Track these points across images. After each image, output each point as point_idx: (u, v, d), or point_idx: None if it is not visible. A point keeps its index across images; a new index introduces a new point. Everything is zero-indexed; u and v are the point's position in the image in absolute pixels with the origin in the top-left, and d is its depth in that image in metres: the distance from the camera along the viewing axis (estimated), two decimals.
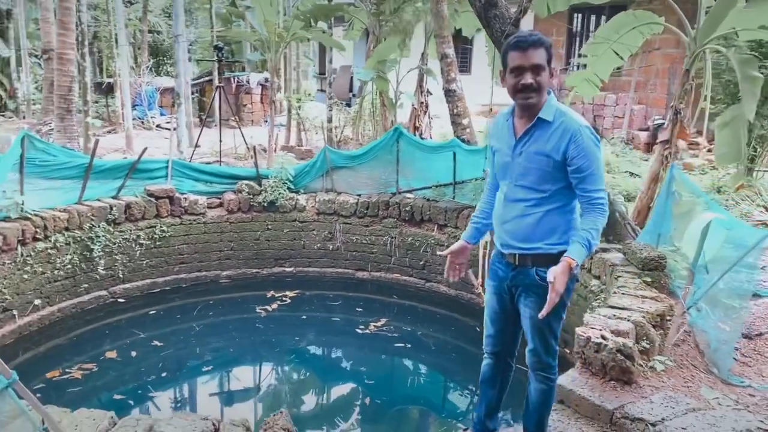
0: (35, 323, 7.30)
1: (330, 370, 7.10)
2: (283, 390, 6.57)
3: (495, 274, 3.32)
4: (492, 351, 3.46)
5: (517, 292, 3.20)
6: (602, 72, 7.74)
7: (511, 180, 3.09)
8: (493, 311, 3.39)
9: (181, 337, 7.55)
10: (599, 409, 3.86)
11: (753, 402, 4.00)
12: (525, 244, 3.09)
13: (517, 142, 3.04)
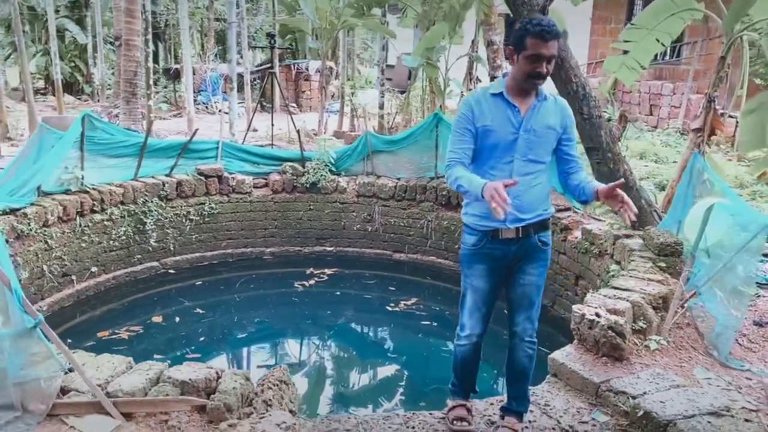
0: (92, 288, 7.93)
1: (353, 342, 7.44)
2: (307, 358, 6.99)
3: (488, 258, 3.32)
4: (480, 332, 3.49)
5: (519, 263, 3.34)
6: (642, 58, 7.67)
7: (519, 156, 3.19)
8: (486, 294, 3.39)
9: (222, 306, 8.03)
10: (587, 382, 4.01)
11: (746, 384, 4.04)
12: (530, 215, 3.26)
13: (524, 119, 3.17)
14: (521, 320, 3.41)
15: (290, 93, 20.58)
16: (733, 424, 3.34)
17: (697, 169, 5.43)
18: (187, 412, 3.37)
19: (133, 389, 3.41)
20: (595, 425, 3.69)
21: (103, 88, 20.68)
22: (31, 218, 6.86)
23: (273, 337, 7.43)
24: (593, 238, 6.79)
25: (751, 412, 3.66)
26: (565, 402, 3.94)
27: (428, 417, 3.75)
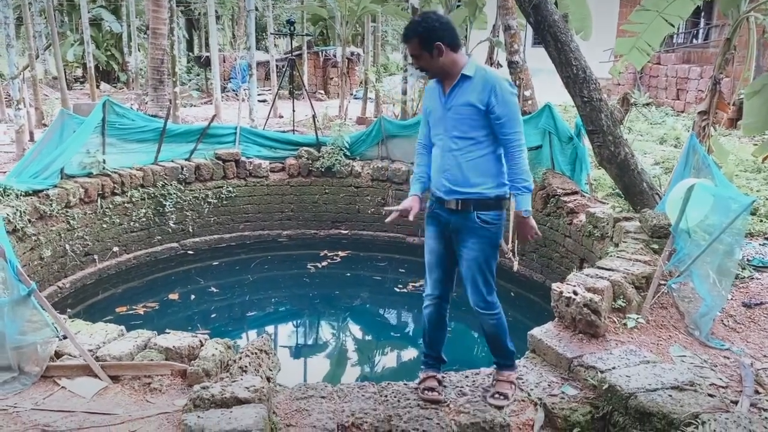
0: (113, 267, 8.30)
1: (357, 320, 7.69)
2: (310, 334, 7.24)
3: (436, 220, 3.59)
4: (438, 294, 3.73)
5: (458, 237, 3.52)
6: (652, 40, 7.60)
7: (445, 133, 3.44)
8: (437, 255, 3.65)
9: (236, 286, 8.33)
10: (561, 358, 4.11)
11: (723, 363, 4.08)
12: (466, 189, 3.41)
13: (446, 98, 3.43)
14: (468, 293, 3.61)
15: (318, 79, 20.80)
16: (694, 398, 3.40)
17: (694, 150, 5.42)
18: (169, 376, 3.61)
19: (120, 354, 3.66)
20: (564, 398, 3.79)
21: (137, 76, 21.24)
22: (53, 200, 7.22)
23: (281, 316, 7.69)
24: (596, 221, 6.81)
25: (719, 388, 3.71)
26: (538, 376, 4.05)
27: (402, 387, 3.90)
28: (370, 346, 7.03)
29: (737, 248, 4.77)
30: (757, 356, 4.13)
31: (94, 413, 3.26)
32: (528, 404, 3.81)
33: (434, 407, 3.64)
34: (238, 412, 3.07)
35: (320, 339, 7.24)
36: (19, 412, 3.25)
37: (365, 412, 3.59)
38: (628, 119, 10.67)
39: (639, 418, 3.41)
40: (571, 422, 3.64)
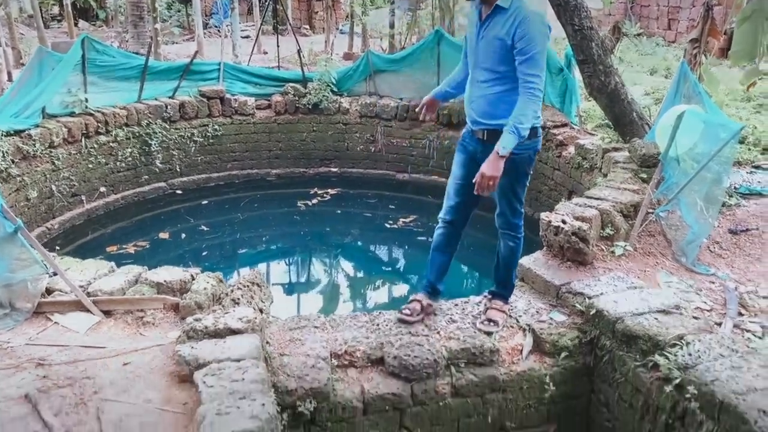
0: (101, 208, 8.25)
1: (348, 255, 7.77)
2: (301, 270, 7.31)
3: (464, 149, 3.69)
4: (450, 220, 3.83)
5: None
6: None
7: (475, 64, 3.46)
8: (457, 183, 3.75)
9: (226, 224, 8.33)
10: (549, 285, 4.16)
11: (708, 288, 4.15)
12: (491, 121, 3.45)
13: (480, 27, 3.38)
14: (496, 215, 3.76)
15: (303, 14, 20.26)
16: (679, 321, 3.48)
17: (685, 78, 5.36)
18: (161, 310, 3.63)
19: (112, 289, 3.67)
20: (552, 324, 3.86)
21: (117, 14, 20.56)
22: (36, 140, 7.10)
23: (272, 253, 7.72)
24: (585, 152, 6.80)
25: (704, 311, 3.79)
26: (527, 303, 4.11)
27: (393, 316, 3.94)
28: (362, 281, 7.12)
29: (725, 176, 4.79)
30: (742, 280, 4.20)
31: (89, 347, 3.29)
32: (517, 330, 3.88)
33: (425, 334, 3.70)
34: (232, 342, 3.11)
35: (312, 275, 7.31)
36: (13, 347, 3.28)
37: (358, 340, 3.64)
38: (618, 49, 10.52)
39: (625, 341, 3.49)
40: (559, 347, 3.72)
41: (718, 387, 2.89)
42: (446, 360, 3.55)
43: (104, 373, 3.06)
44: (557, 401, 3.77)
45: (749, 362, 3.06)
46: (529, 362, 3.71)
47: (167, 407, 2.84)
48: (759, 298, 3.87)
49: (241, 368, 2.87)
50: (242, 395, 2.67)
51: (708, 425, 2.91)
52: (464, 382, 3.55)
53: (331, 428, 3.35)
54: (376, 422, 3.43)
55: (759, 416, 2.68)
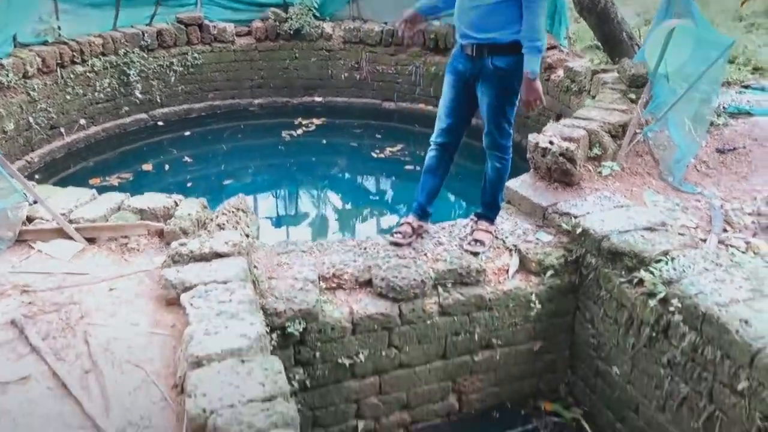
0: (82, 141, 8.07)
1: (334, 186, 7.71)
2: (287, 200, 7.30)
3: (454, 69, 3.65)
4: (441, 142, 3.82)
5: (476, 82, 3.55)
6: None
7: None
8: (449, 105, 3.72)
9: (210, 156, 8.20)
10: (536, 207, 4.16)
11: (694, 206, 4.17)
12: (481, 34, 3.42)
13: None
14: (484, 134, 3.73)
15: None
16: (665, 237, 3.49)
17: None
18: (145, 236, 3.59)
19: (94, 217, 3.61)
20: (538, 243, 3.88)
21: None
22: (9, 69, 6.85)
23: (258, 185, 7.64)
24: (574, 75, 6.69)
25: (690, 228, 3.81)
26: (513, 225, 4.11)
27: (381, 240, 3.94)
28: (349, 210, 7.09)
29: (714, 96, 4.74)
30: (727, 198, 4.22)
31: (73, 274, 3.26)
32: (503, 251, 3.90)
33: (412, 257, 3.70)
34: (218, 265, 3.09)
35: (299, 206, 7.26)
36: None
37: (345, 263, 3.65)
38: None
39: (611, 258, 3.51)
40: (545, 266, 3.75)
41: (701, 299, 2.93)
42: (433, 280, 3.57)
43: (90, 298, 3.05)
44: (543, 319, 3.83)
45: (732, 275, 3.10)
46: (515, 281, 3.75)
47: (155, 330, 2.84)
48: (744, 215, 3.90)
49: (228, 290, 2.87)
50: (230, 315, 2.67)
51: (691, 336, 2.97)
52: (451, 301, 3.59)
53: (320, 348, 3.39)
54: (365, 341, 3.47)
55: (740, 326, 2.73)
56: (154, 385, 2.49)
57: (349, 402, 3.61)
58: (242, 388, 2.24)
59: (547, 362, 4.00)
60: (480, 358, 3.79)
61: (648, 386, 3.32)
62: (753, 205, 4.04)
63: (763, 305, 2.84)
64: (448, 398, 3.85)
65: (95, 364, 2.59)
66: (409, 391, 3.72)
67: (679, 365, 3.06)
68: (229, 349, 2.44)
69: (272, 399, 2.22)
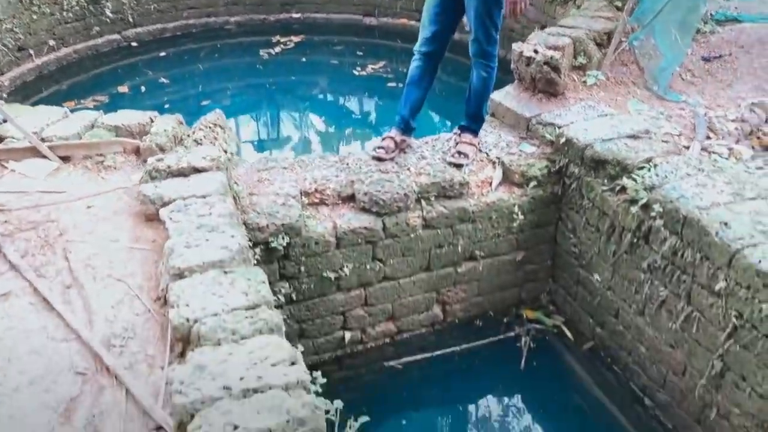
0: (53, 63, 7.78)
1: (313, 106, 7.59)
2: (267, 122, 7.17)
3: None
4: (426, 51, 3.69)
5: None
6: None
7: None
8: (434, 11, 3.58)
9: (187, 77, 7.99)
10: (520, 118, 4.11)
11: (678, 114, 4.13)
12: None
13: None
14: (470, 41, 3.60)
15: None
16: (648, 145, 3.47)
17: None
18: (122, 153, 3.51)
19: (68, 135, 3.51)
20: (521, 155, 3.85)
21: None
22: None
23: (237, 106, 7.47)
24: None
25: (673, 136, 3.79)
26: (497, 138, 4.07)
27: (363, 155, 3.89)
28: (330, 129, 7.00)
29: (701, 3, 4.63)
30: (712, 106, 4.19)
31: (49, 192, 3.19)
32: (487, 164, 3.87)
33: (395, 171, 3.66)
34: (197, 180, 3.04)
35: (279, 126, 7.16)
36: None
37: (327, 178, 3.61)
38: None
39: (594, 166, 3.50)
40: (528, 177, 3.74)
41: (682, 203, 2.94)
42: (417, 194, 3.55)
43: (68, 216, 3.00)
44: (525, 230, 3.86)
45: (714, 180, 3.11)
46: (499, 193, 3.74)
47: (135, 245, 2.81)
48: (727, 122, 3.88)
49: (207, 203, 2.82)
50: (210, 228, 2.64)
51: (671, 240, 3.00)
52: (435, 214, 3.58)
53: (305, 263, 3.39)
54: (349, 255, 3.48)
55: (720, 228, 2.76)
56: (137, 299, 2.48)
57: (336, 314, 3.66)
58: (225, 298, 2.24)
59: (530, 272, 4.06)
60: (463, 269, 3.83)
61: (628, 291, 3.39)
62: (737, 112, 4.01)
63: (743, 208, 2.86)
64: (432, 309, 3.92)
65: (76, 280, 2.57)
66: (394, 303, 3.77)
67: (659, 269, 3.11)
68: (211, 261, 2.43)
69: (256, 307, 2.22)
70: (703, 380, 2.94)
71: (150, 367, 2.17)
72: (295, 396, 1.83)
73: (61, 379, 2.10)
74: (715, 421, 2.95)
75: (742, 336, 2.69)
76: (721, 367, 2.84)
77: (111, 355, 2.18)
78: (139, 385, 2.08)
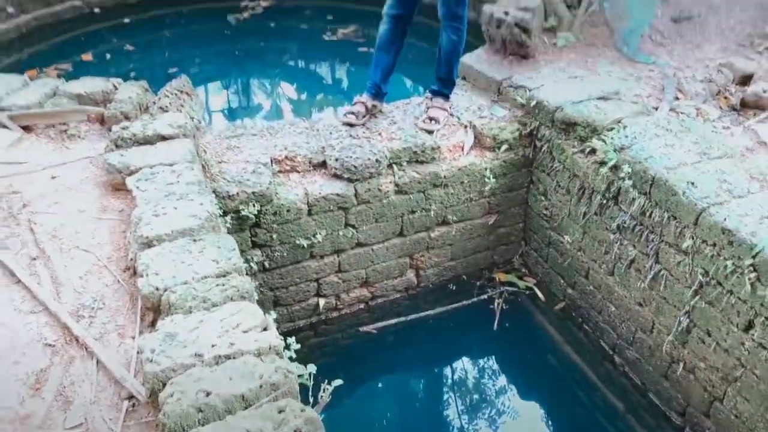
0: (12, 31, 7.49)
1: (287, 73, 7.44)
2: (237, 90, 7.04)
3: None
4: (395, 14, 3.63)
5: None
6: None
7: None
8: None
9: (152, 44, 7.76)
10: (490, 81, 4.09)
11: (648, 76, 4.14)
12: None
13: None
14: (438, 3, 3.54)
15: None
16: (617, 106, 3.49)
17: None
18: (85, 122, 3.43)
19: (28, 104, 3.41)
20: (492, 118, 3.84)
21: None
22: None
23: (206, 74, 7.30)
24: None
25: (642, 97, 3.81)
26: (468, 101, 4.05)
27: (333, 121, 3.85)
28: (301, 96, 6.89)
29: None
30: (681, 67, 4.20)
31: (11, 163, 3.11)
32: (458, 128, 3.86)
33: (366, 136, 3.64)
34: (163, 147, 2.99)
35: (249, 93, 7.04)
36: None
37: (298, 145, 3.56)
38: None
39: (564, 128, 3.51)
40: (500, 140, 3.74)
41: (651, 164, 2.97)
42: (388, 159, 3.53)
43: (31, 187, 2.94)
44: (497, 194, 3.88)
45: (682, 140, 3.14)
46: (470, 158, 3.74)
47: (103, 216, 2.77)
48: (695, 82, 3.91)
49: (175, 171, 2.78)
50: (179, 197, 2.61)
51: (640, 200, 3.04)
52: (407, 179, 3.58)
53: (277, 230, 3.37)
54: (322, 222, 3.47)
55: (687, 187, 2.80)
56: (105, 269, 2.45)
57: (309, 281, 3.66)
58: (195, 266, 2.22)
59: (501, 235, 4.09)
60: (436, 234, 3.85)
61: (598, 252, 3.44)
62: (705, 72, 4.04)
63: (709, 167, 2.90)
64: (406, 274, 3.94)
65: (43, 251, 2.52)
66: (367, 269, 3.78)
67: (628, 229, 3.15)
68: (180, 229, 2.40)
69: (227, 275, 2.21)
70: (671, 336, 3.02)
71: (120, 336, 2.15)
72: (268, 361, 1.84)
73: (30, 352, 2.08)
74: (682, 376, 3.03)
75: (708, 293, 2.75)
76: (687, 324, 2.91)
77: (80, 326, 2.16)
78: (109, 354, 2.06)
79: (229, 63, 7.52)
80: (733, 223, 2.57)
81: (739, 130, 3.39)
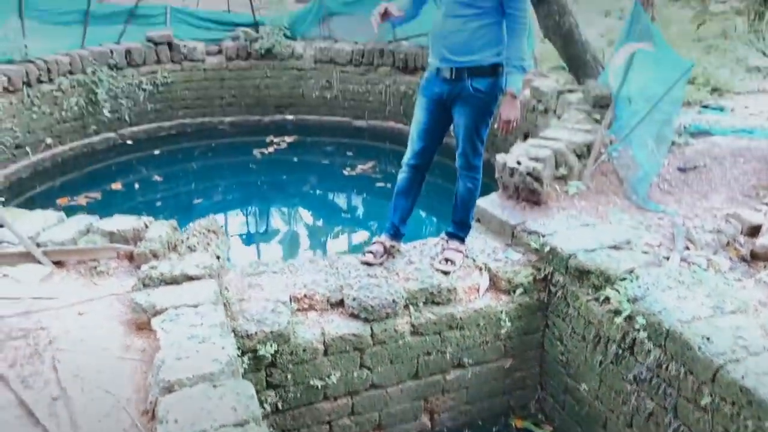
0: (48, 160, 7.96)
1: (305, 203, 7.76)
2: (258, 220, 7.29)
3: (429, 91, 3.66)
4: (414, 164, 3.85)
5: (453, 104, 3.60)
6: None
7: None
8: (422, 128, 3.75)
9: (180, 175, 8.18)
10: (504, 225, 4.23)
11: (657, 224, 4.27)
12: (462, 57, 3.46)
13: None
14: (457, 155, 3.77)
15: None
16: (629, 256, 3.59)
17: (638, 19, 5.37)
18: (115, 259, 3.56)
19: (62, 240, 3.57)
20: (507, 262, 3.94)
21: None
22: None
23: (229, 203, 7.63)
24: (540, 95, 6.83)
25: (653, 246, 3.91)
26: (483, 243, 4.18)
27: (352, 259, 3.96)
28: (321, 229, 7.12)
29: (675, 116, 4.90)
30: (689, 216, 4.34)
31: (41, 298, 3.21)
32: (473, 270, 3.94)
33: (384, 276, 3.73)
34: (189, 288, 3.08)
35: (270, 225, 7.26)
36: None
37: (317, 283, 3.66)
38: None
39: (578, 276, 3.59)
40: (515, 284, 3.81)
41: (665, 316, 3.01)
42: (405, 300, 3.60)
43: (59, 323, 3.01)
44: (513, 337, 3.89)
45: (694, 293, 3.20)
46: (486, 300, 3.80)
47: (125, 355, 2.81)
48: (705, 233, 4.01)
49: (199, 313, 2.86)
50: (201, 339, 2.67)
51: (655, 353, 3.04)
52: (423, 320, 3.62)
53: (292, 370, 3.38)
54: (337, 363, 3.48)
55: (702, 342, 2.82)
56: (124, 411, 2.47)
57: (322, 423, 3.60)
58: (214, 413, 2.24)
59: (518, 379, 4.05)
60: (451, 376, 3.83)
61: (615, 402, 3.39)
62: (713, 222, 4.17)
63: (723, 322, 2.93)
64: (420, 417, 3.88)
65: (64, 391, 2.55)
66: (381, 411, 3.73)
67: (645, 381, 3.13)
68: (201, 374, 2.44)
69: (244, 424, 2.22)
70: None
71: None
72: None
73: None
74: None
75: None
76: None
77: None
78: None
79: (252, 194, 7.86)
80: (750, 382, 2.57)
81: (751, 283, 3.44)
